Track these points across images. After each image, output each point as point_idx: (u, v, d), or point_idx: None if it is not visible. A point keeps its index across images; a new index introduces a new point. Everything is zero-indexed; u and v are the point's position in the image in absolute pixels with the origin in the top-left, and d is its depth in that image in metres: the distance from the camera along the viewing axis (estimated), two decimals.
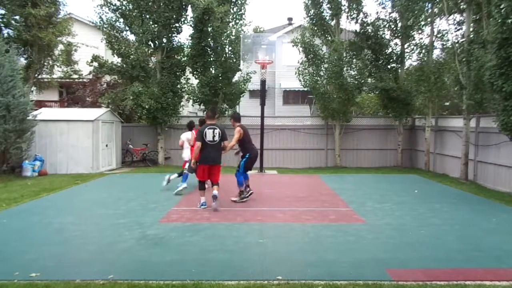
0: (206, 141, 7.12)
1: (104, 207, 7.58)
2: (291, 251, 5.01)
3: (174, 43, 15.02)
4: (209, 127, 7.20)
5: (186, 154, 9.17)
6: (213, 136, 7.15)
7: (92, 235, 5.79)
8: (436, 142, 13.55)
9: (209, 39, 13.94)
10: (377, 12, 14.65)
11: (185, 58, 14.94)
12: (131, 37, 14.89)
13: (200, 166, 7.25)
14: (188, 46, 14.74)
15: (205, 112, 15.69)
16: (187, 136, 9.17)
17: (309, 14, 14.98)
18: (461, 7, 11.22)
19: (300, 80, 15.10)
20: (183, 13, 14.72)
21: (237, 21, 14.63)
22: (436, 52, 14.43)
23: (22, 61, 14.96)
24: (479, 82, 9.85)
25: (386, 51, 14.71)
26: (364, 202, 8.08)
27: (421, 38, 14.20)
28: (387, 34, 14.66)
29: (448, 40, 12.89)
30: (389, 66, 14.89)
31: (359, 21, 14.67)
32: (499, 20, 7.77)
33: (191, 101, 15.63)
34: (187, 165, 8.78)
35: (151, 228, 6.05)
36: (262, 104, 13.43)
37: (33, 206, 7.71)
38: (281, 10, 68.34)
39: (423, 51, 13.81)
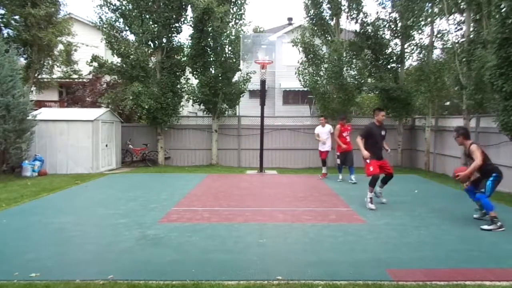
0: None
1: (104, 207, 7.58)
2: (291, 251, 5.00)
3: (174, 43, 15.01)
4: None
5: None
6: None
7: (92, 235, 5.78)
8: (436, 142, 13.54)
9: (209, 39, 13.94)
10: (377, 12, 14.66)
11: (185, 58, 14.93)
12: (131, 37, 14.90)
13: None
14: (188, 46, 14.74)
15: (205, 112, 15.78)
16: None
17: (309, 14, 14.97)
18: (461, 7, 11.22)
19: (300, 80, 15.09)
20: (183, 13, 14.71)
21: (237, 21, 14.64)
22: (436, 52, 14.46)
23: (22, 61, 14.96)
24: (480, 82, 9.84)
25: (386, 51, 14.70)
26: (364, 202, 8.07)
27: (421, 38, 14.23)
28: (387, 34, 14.66)
29: (448, 40, 12.90)
30: (389, 66, 14.88)
31: (359, 21, 14.66)
32: (499, 20, 7.77)
33: (191, 101, 15.64)
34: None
35: (151, 228, 6.05)
36: (262, 104, 13.43)
37: (33, 206, 7.70)
38: (281, 10, 68.40)
39: (423, 51, 13.81)
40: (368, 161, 7.45)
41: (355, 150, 9.97)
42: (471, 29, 10.76)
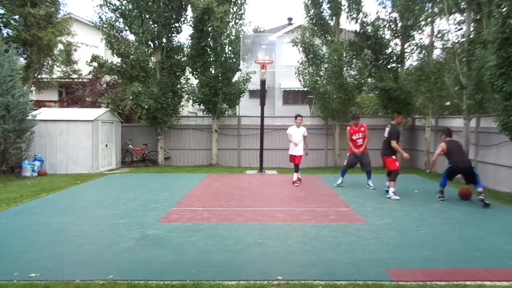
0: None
1: (104, 207, 7.58)
2: (291, 251, 5.00)
3: (174, 43, 15.01)
4: (389, 125, 9.01)
5: None
6: (385, 133, 8.98)
7: (92, 235, 5.77)
8: (436, 142, 13.51)
9: (209, 39, 13.94)
10: (377, 12, 14.63)
11: (185, 58, 14.93)
12: (131, 37, 14.90)
13: None
14: (188, 46, 14.74)
15: (205, 112, 15.74)
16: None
17: (309, 14, 14.97)
18: (462, 7, 11.20)
19: (300, 80, 15.09)
20: (183, 13, 14.71)
21: (237, 21, 14.63)
22: (436, 52, 14.45)
23: (22, 61, 14.95)
24: (480, 82, 9.84)
25: (386, 51, 14.68)
26: (364, 202, 8.08)
27: (421, 38, 14.21)
28: (387, 34, 14.64)
29: (448, 40, 12.89)
30: (389, 66, 14.86)
31: (359, 21, 14.64)
32: (500, 20, 7.76)
33: (191, 101, 15.64)
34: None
35: (151, 228, 6.05)
36: (262, 104, 13.42)
37: (32, 206, 7.70)
38: (281, 10, 68.46)
39: (423, 51, 13.80)
40: (394, 157, 8.70)
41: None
42: (471, 29, 10.75)
